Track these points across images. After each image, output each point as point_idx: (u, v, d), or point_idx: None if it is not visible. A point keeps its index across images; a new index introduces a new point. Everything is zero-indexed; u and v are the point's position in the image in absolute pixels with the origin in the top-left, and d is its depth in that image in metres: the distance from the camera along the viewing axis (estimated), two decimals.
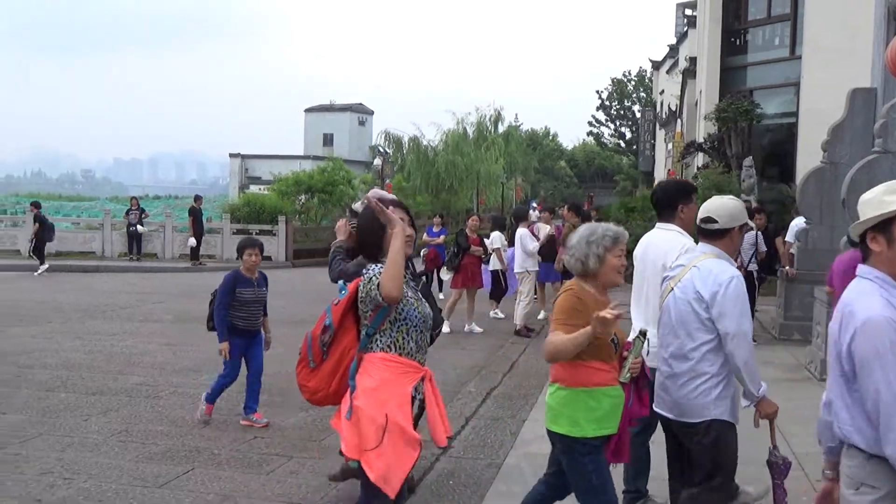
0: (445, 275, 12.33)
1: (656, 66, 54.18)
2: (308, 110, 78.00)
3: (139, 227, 22.86)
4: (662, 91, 50.76)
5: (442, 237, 16.60)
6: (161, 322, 12.89)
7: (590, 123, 67.38)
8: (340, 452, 3.70)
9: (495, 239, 12.97)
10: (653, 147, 53.61)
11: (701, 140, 19.43)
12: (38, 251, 19.84)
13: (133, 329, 12.05)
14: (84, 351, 10.15)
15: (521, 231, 10.93)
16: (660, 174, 51.21)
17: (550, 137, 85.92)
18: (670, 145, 45.02)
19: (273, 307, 7.51)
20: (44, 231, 20.08)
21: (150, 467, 5.88)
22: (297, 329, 8.92)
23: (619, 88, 64.65)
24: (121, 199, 60.17)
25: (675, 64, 44.46)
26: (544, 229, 11.70)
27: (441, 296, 16.23)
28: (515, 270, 11.04)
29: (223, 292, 6.86)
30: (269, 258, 24.23)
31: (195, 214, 22.47)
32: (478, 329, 12.19)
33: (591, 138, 71.76)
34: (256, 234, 24.36)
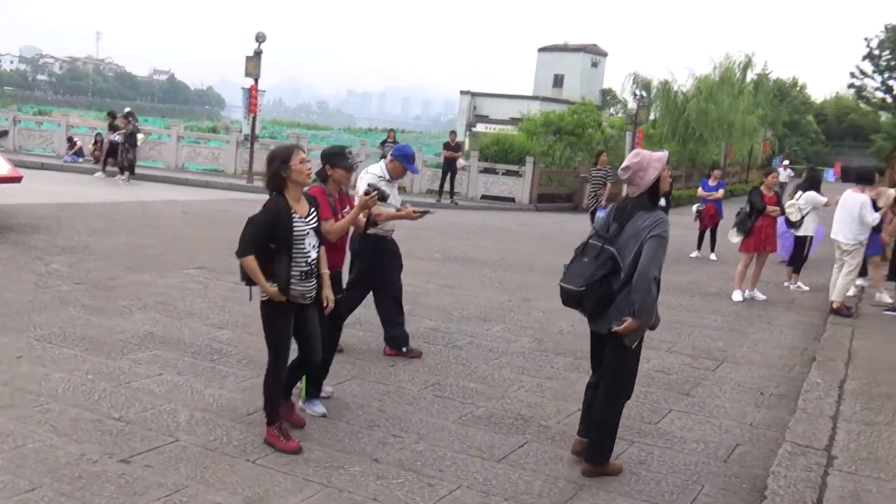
0: (735, 237, 11.00)
1: None
2: (541, 50, 76.66)
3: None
4: None
5: (721, 191, 15.18)
6: (431, 261, 12.60)
7: (852, 75, 60.98)
8: None
9: (811, 200, 11.42)
10: None
11: None
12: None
13: (406, 266, 11.77)
14: None
15: (863, 199, 9.37)
16: None
17: (798, 89, 79.03)
18: None
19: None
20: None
21: (479, 434, 5.32)
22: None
23: (892, 36, 57.80)
24: (352, 130, 62.33)
25: None
26: (888, 193, 10.01)
27: (713, 256, 14.89)
28: (847, 241, 9.53)
29: None
30: (512, 200, 23.77)
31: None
32: (760, 296, 10.86)
33: (851, 91, 64.90)
34: (503, 174, 23.90)
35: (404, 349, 7.02)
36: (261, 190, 21.55)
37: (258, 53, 22.39)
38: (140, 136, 21.63)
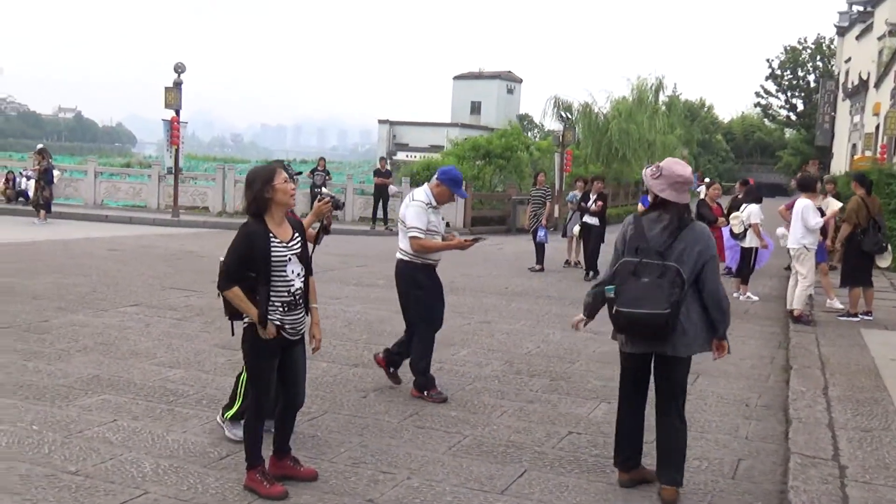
0: None
1: (841, 32, 49.91)
2: (457, 77, 77.34)
3: (324, 189, 22.53)
4: (849, 59, 46.74)
5: None
6: (376, 286, 12.20)
7: (757, 94, 63.38)
8: None
9: (754, 213, 11.49)
10: (832, 120, 49.68)
11: None
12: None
13: (353, 293, 11.40)
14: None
15: (806, 203, 9.43)
16: (840, 149, 47.39)
17: (706, 109, 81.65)
18: (857, 118, 41.40)
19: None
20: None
21: (474, 465, 4.96)
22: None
23: (792, 57, 60.30)
24: (269, 162, 61.42)
25: (869, 28, 40.66)
26: (834, 204, 10.11)
27: None
28: (791, 246, 9.58)
29: None
30: (447, 224, 23.53)
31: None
32: None
33: (758, 109, 67.45)
34: None
35: (426, 393, 6.35)
36: (187, 224, 20.85)
37: (178, 84, 21.70)
38: (56, 173, 20.62)
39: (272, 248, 4.27)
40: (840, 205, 9.93)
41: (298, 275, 4.38)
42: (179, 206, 21.77)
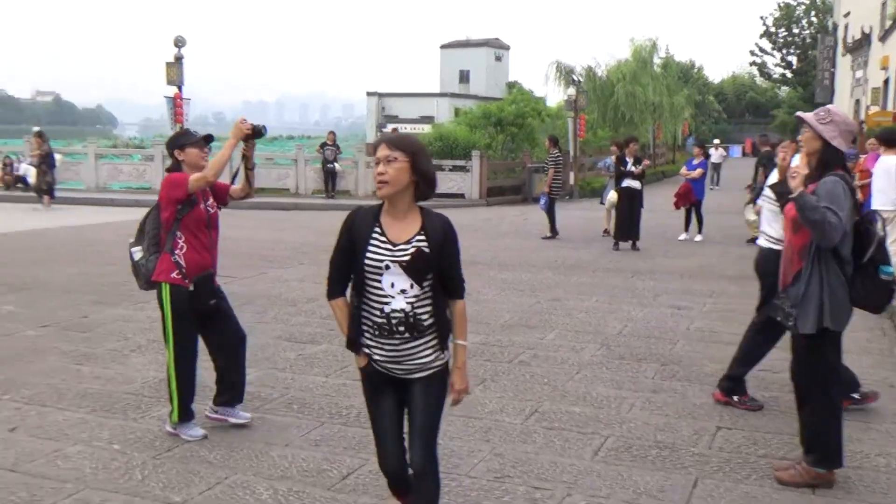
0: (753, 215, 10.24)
1: None
2: (444, 46, 76.13)
3: (336, 164, 21.69)
4: (848, 13, 45.99)
5: (699, 171, 14.54)
6: None
7: (752, 53, 62.60)
8: None
9: None
10: (832, 76, 49.00)
11: None
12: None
13: None
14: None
15: (894, 159, 8.74)
16: (842, 105, 46.68)
17: (696, 70, 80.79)
18: (860, 73, 40.74)
19: None
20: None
21: (634, 473, 4.29)
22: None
23: (786, 13, 59.42)
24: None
25: None
26: None
27: (698, 237, 14.24)
28: (881, 207, 8.90)
29: None
30: (461, 196, 22.82)
31: None
32: None
33: (752, 69, 66.67)
34: (449, 170, 22.89)
35: (736, 398, 5.36)
36: None
37: (179, 59, 20.80)
38: (58, 157, 19.69)
39: (369, 245, 3.10)
40: None
41: (403, 292, 3.06)
42: None
